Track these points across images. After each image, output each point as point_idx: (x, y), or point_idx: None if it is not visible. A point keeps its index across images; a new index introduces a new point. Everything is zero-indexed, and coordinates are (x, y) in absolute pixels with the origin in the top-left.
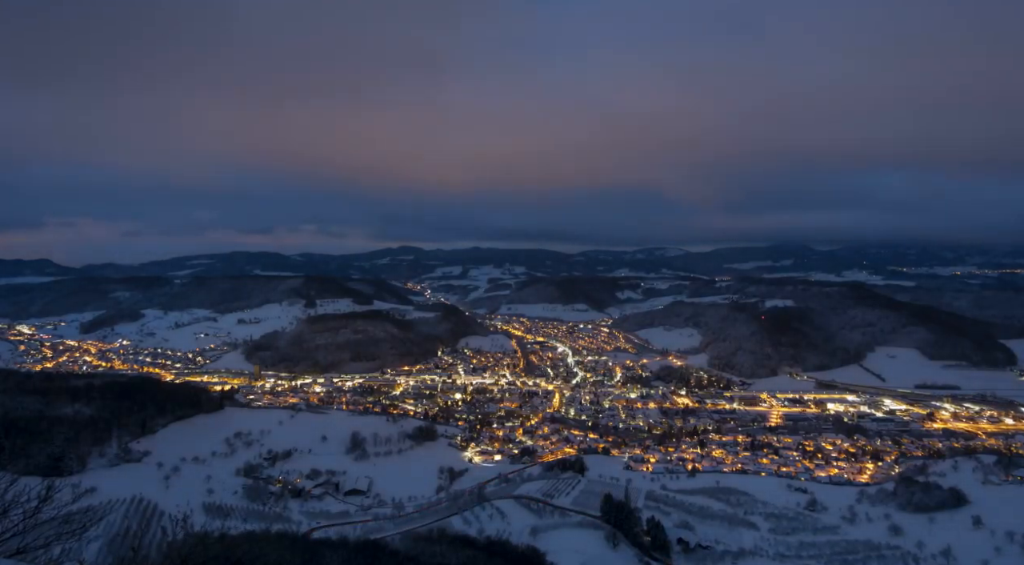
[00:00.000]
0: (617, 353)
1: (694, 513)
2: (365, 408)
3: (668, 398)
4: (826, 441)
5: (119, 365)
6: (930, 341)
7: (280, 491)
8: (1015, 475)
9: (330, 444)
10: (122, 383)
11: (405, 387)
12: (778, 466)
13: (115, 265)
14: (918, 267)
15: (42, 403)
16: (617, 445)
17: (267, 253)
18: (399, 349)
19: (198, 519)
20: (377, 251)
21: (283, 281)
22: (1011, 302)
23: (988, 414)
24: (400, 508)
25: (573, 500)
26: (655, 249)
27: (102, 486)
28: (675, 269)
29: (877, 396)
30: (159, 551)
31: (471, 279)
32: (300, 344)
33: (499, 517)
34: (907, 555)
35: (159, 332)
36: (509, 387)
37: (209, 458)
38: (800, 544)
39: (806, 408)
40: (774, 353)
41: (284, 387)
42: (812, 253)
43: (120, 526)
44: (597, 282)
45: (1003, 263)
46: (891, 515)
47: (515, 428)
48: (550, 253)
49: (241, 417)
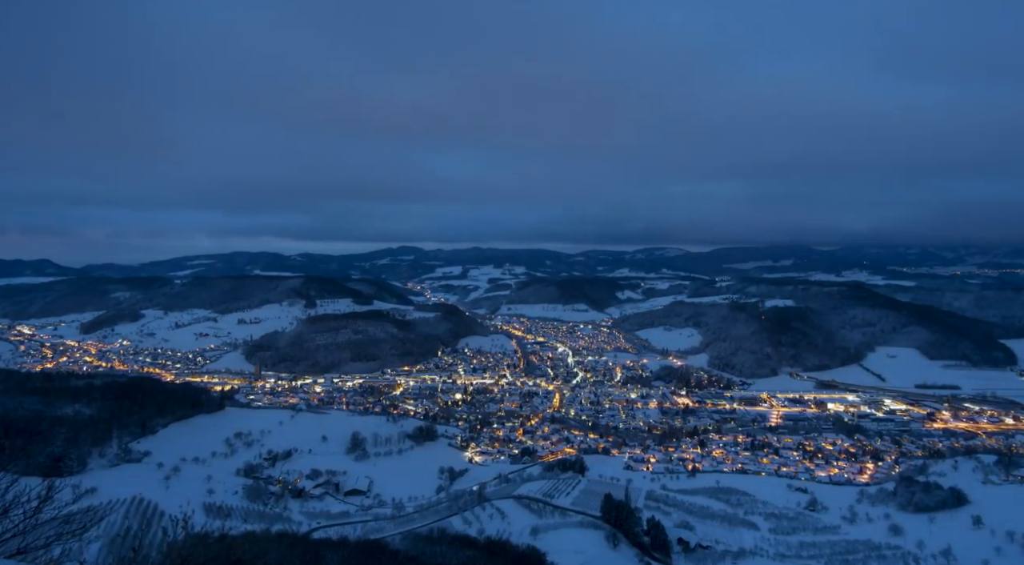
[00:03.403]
0: (617, 353)
1: (694, 513)
2: (365, 408)
3: (668, 398)
4: (826, 441)
5: (119, 365)
6: (930, 341)
7: (280, 491)
8: (1015, 475)
9: (330, 444)
10: (122, 383)
11: (405, 387)
12: (778, 466)
13: (115, 265)
14: (918, 267)
15: (42, 403)
16: (617, 445)
17: (267, 253)
18: (399, 349)
19: (198, 519)
20: (377, 251)
21: (283, 281)
22: (1011, 302)
23: (988, 414)
24: (400, 508)
25: (573, 500)
26: (655, 249)
27: (102, 486)
28: (675, 269)
29: (877, 396)
30: (159, 551)
31: (471, 279)
32: (300, 344)
33: (499, 517)
34: (907, 555)
35: (159, 332)
36: (509, 387)
37: (209, 458)
38: (800, 544)
39: (806, 408)
40: (774, 353)
41: (284, 387)
42: (812, 253)
43: (120, 526)
44: (597, 282)
45: (1003, 263)
46: (891, 515)
47: (515, 428)
48: (550, 253)
49: (241, 417)
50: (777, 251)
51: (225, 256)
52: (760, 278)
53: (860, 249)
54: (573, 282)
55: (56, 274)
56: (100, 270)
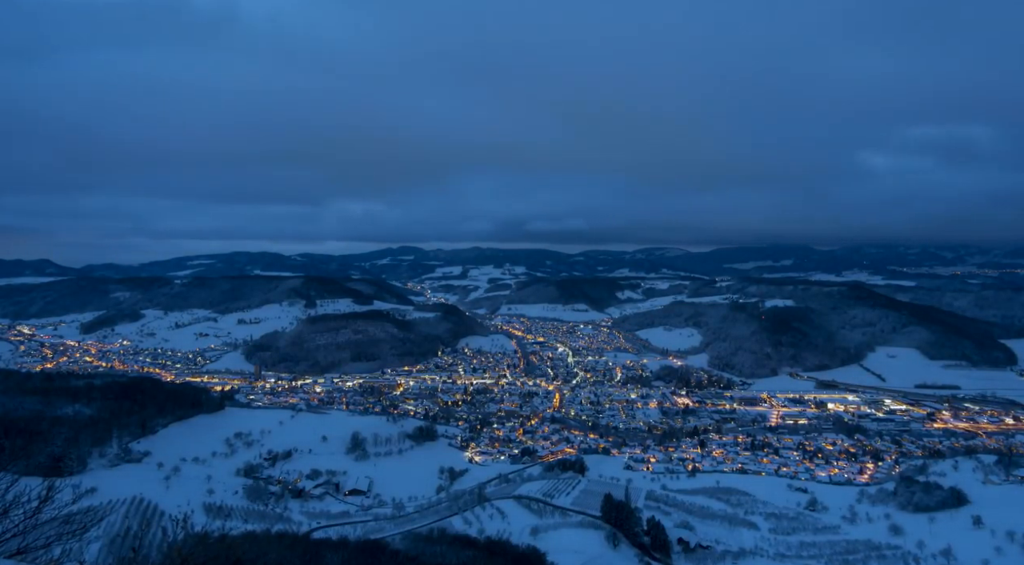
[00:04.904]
0: (617, 353)
1: (694, 513)
2: (365, 408)
3: (668, 398)
4: (826, 441)
5: (119, 365)
6: (930, 341)
7: (280, 491)
8: (1015, 475)
9: (330, 444)
10: (122, 383)
11: (405, 387)
12: (778, 466)
13: (115, 265)
14: (918, 267)
15: (42, 403)
16: (617, 445)
17: (267, 253)
18: (399, 349)
19: (198, 519)
20: (377, 251)
21: (283, 281)
22: (1011, 302)
23: (988, 414)
24: (400, 508)
25: (573, 500)
26: (655, 249)
27: (102, 486)
28: (675, 269)
29: (877, 396)
30: (159, 551)
31: (471, 279)
32: (300, 344)
33: (499, 517)
34: (907, 555)
35: (159, 332)
36: (509, 387)
37: (209, 458)
38: (800, 544)
39: (806, 408)
40: (774, 353)
41: (284, 387)
42: (812, 253)
43: (120, 526)
44: (597, 282)
45: (1003, 263)
46: (891, 515)
47: (515, 428)
48: (550, 253)
49: (241, 417)
50: (777, 251)
51: (225, 256)
52: (760, 278)
53: (860, 249)
54: (573, 282)
55: (56, 274)
56: (100, 270)
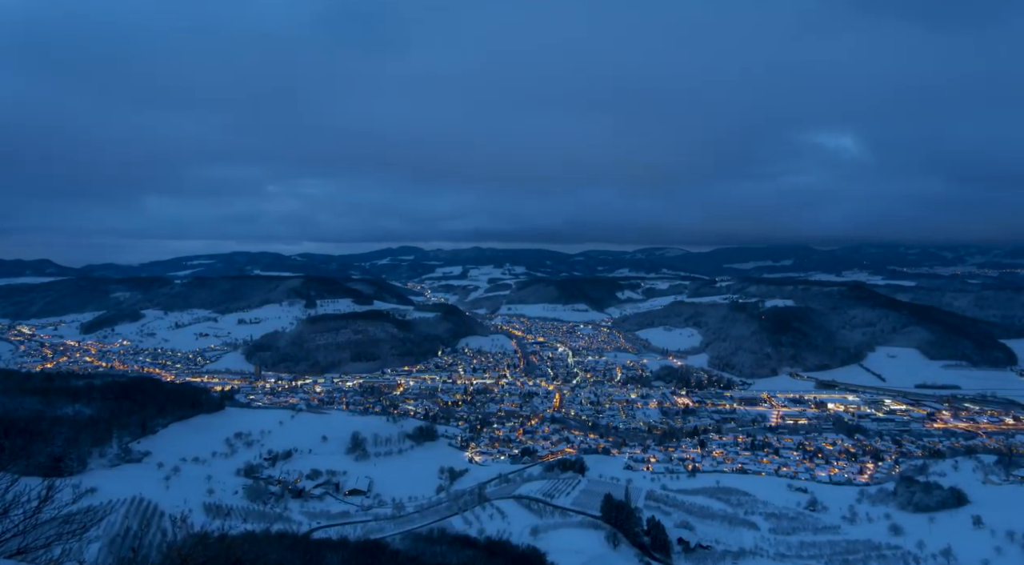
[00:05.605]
0: (617, 353)
1: (694, 513)
2: (365, 408)
3: (668, 398)
4: (826, 441)
5: (119, 365)
6: (930, 341)
7: (280, 491)
8: (1015, 475)
9: (330, 444)
10: (122, 383)
11: (405, 387)
12: (778, 466)
13: (115, 265)
14: (918, 267)
15: (42, 403)
16: (617, 445)
17: (267, 253)
18: (399, 349)
19: (198, 519)
20: (377, 251)
21: (283, 281)
22: (1011, 302)
23: (988, 414)
24: (400, 508)
25: (573, 500)
26: (655, 249)
27: (102, 486)
28: (675, 269)
29: (877, 396)
30: (159, 551)
31: (471, 279)
32: (300, 344)
33: (499, 517)
34: (907, 555)
35: (159, 332)
36: (509, 387)
37: (209, 458)
38: (800, 544)
39: (806, 408)
40: (774, 353)
41: (284, 387)
42: (812, 253)
43: (120, 526)
44: (597, 282)
45: (1003, 263)
46: (891, 515)
47: (515, 428)
48: (550, 253)
49: (241, 417)
50: (777, 251)
51: (225, 256)
52: (760, 278)
53: (860, 249)
54: (573, 282)
55: (56, 274)
56: (100, 270)
